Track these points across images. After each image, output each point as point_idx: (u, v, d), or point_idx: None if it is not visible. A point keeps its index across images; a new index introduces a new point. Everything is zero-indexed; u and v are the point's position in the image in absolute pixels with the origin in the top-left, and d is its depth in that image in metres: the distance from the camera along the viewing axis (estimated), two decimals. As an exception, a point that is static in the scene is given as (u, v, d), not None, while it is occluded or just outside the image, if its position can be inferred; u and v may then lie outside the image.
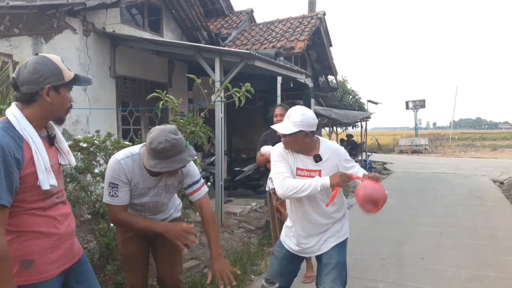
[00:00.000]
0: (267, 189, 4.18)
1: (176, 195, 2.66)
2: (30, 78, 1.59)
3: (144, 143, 2.24)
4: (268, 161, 3.61)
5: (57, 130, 1.81)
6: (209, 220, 2.37)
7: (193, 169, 2.42)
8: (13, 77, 1.64)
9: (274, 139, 3.90)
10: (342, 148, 2.58)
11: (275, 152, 2.53)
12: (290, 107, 3.58)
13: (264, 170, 8.77)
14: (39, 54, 1.70)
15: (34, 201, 1.61)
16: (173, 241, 2.19)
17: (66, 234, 1.74)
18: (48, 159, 1.63)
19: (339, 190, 2.33)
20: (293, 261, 2.62)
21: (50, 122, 1.76)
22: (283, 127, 2.41)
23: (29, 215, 1.60)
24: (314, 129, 2.43)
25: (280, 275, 2.60)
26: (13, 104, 1.64)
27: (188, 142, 2.24)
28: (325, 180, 2.28)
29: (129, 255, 2.51)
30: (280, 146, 2.55)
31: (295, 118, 2.37)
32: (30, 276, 1.60)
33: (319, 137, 2.55)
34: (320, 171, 2.43)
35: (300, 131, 2.36)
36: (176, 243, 2.21)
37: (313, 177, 2.40)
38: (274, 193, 3.66)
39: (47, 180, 1.59)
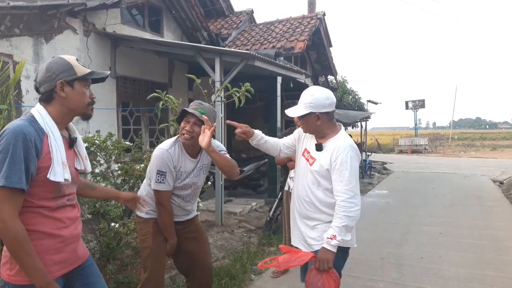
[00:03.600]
0: (286, 188, 4.11)
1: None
2: (44, 77, 1.67)
3: (177, 136, 2.61)
4: (289, 160, 3.69)
5: (78, 134, 1.84)
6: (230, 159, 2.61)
7: (217, 144, 2.68)
8: (34, 81, 1.73)
9: None
10: (350, 158, 2.20)
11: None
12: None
13: (264, 170, 8.83)
14: (56, 56, 1.76)
15: (44, 198, 1.62)
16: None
17: (70, 237, 1.73)
18: (65, 157, 1.66)
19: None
20: None
21: (72, 126, 1.82)
22: (292, 110, 2.34)
23: (36, 214, 1.61)
24: (328, 110, 2.26)
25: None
26: (38, 103, 1.70)
27: None
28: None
29: (157, 249, 2.63)
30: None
31: (304, 99, 2.28)
32: None
33: (342, 128, 2.38)
34: (314, 161, 2.30)
35: (311, 113, 2.24)
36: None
37: (310, 163, 2.31)
38: None
39: (63, 173, 1.62)
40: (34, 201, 1.60)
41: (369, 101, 19.91)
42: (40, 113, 1.65)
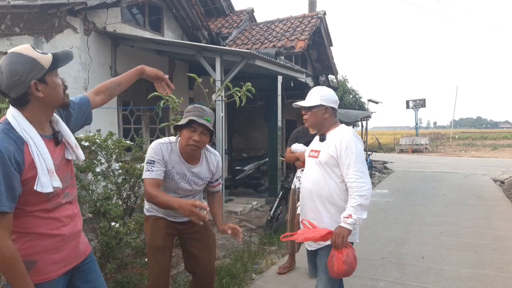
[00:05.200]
0: (293, 187, 4.07)
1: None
2: (11, 82, 1.50)
3: (178, 136, 2.57)
4: (298, 159, 3.73)
5: (63, 125, 1.71)
6: (219, 201, 2.80)
7: (220, 170, 2.78)
8: None
9: (306, 137, 3.85)
10: (354, 142, 2.35)
11: None
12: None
13: (265, 169, 8.83)
14: (8, 52, 1.56)
15: (38, 203, 1.57)
16: (187, 216, 2.29)
17: (70, 235, 1.70)
18: (52, 160, 1.57)
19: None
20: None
21: (55, 116, 1.69)
22: (304, 101, 2.52)
23: (32, 217, 1.57)
24: (335, 106, 2.50)
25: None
26: (12, 107, 1.57)
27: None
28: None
29: (156, 246, 2.63)
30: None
31: (316, 92, 2.49)
32: (33, 276, 1.57)
33: (343, 125, 2.55)
34: (319, 152, 2.47)
35: (321, 105, 2.45)
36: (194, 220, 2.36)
37: (315, 157, 2.48)
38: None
39: (50, 182, 1.54)
40: (28, 207, 1.55)
41: (369, 100, 19.90)
42: (16, 118, 1.52)
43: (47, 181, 1.52)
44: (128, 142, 4.35)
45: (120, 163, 3.78)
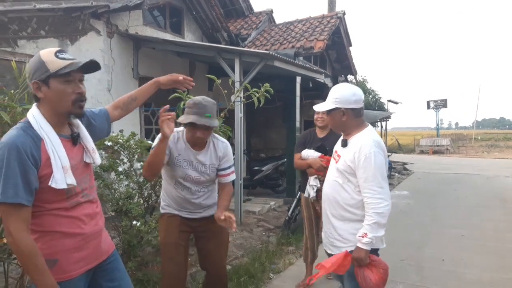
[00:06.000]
0: (306, 195, 3.77)
1: (217, 188, 2.84)
2: (26, 78, 1.63)
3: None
4: (309, 166, 3.60)
5: (82, 128, 1.76)
6: (227, 194, 2.66)
7: (230, 157, 2.71)
8: None
9: (315, 142, 3.70)
10: (374, 153, 2.15)
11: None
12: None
13: (283, 169, 8.83)
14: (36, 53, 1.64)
15: (56, 201, 1.59)
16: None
17: (91, 234, 1.71)
18: (67, 158, 1.59)
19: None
20: None
21: (77, 121, 1.74)
22: (319, 105, 2.43)
23: (52, 216, 1.59)
24: (354, 106, 2.26)
25: None
26: (34, 104, 1.65)
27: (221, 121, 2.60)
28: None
29: (169, 244, 2.63)
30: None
31: (332, 95, 2.32)
32: (55, 275, 1.59)
33: (369, 126, 2.35)
34: (340, 157, 2.33)
35: (336, 108, 2.27)
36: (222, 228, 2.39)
37: (336, 161, 2.36)
38: (314, 202, 3.66)
39: (64, 179, 1.55)
40: (46, 205, 1.58)
41: (389, 101, 19.67)
42: (34, 116, 1.58)
43: (61, 177, 1.55)
44: (149, 142, 4.44)
45: (141, 163, 3.86)
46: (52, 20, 5.81)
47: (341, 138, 2.41)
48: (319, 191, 3.49)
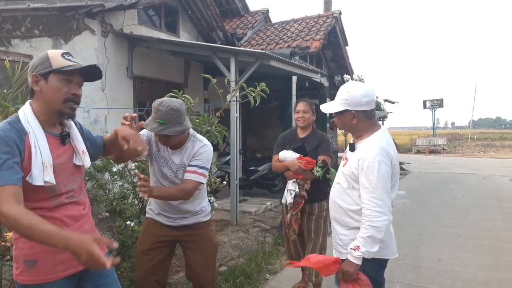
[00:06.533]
0: (283, 201, 3.51)
1: (204, 195, 2.70)
2: (28, 71, 1.65)
3: None
4: (286, 169, 3.31)
5: (74, 129, 1.75)
6: (177, 187, 2.41)
7: (203, 158, 2.46)
8: None
9: (294, 142, 3.44)
10: (378, 163, 2.01)
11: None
12: (312, 104, 3.35)
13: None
14: None
15: (39, 200, 1.58)
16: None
17: None
18: (50, 156, 1.57)
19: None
20: None
21: (69, 121, 1.74)
22: (327, 106, 2.23)
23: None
24: (365, 108, 2.10)
25: None
26: (27, 102, 1.66)
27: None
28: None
29: (141, 250, 2.56)
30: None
31: (340, 95, 2.14)
32: (33, 276, 1.58)
33: (381, 128, 2.19)
34: (346, 162, 2.19)
35: (346, 110, 2.11)
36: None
37: (343, 165, 2.23)
38: (293, 208, 3.36)
39: (42, 176, 1.53)
40: (29, 203, 1.53)
41: (386, 100, 19.71)
42: (24, 111, 1.60)
43: (38, 173, 1.52)
44: (144, 142, 4.41)
45: (136, 163, 3.83)
46: (46, 20, 5.77)
47: (350, 141, 2.29)
48: (297, 197, 3.32)
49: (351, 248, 2.03)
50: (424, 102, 37.60)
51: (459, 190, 9.97)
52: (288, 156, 3.33)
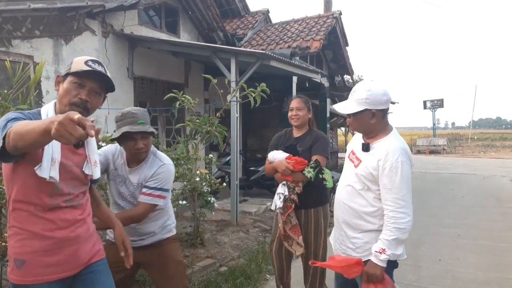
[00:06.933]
0: (272, 207, 3.12)
1: (168, 213, 2.55)
2: None
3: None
4: (275, 171, 2.98)
5: (92, 139, 1.71)
6: (131, 215, 2.26)
7: (162, 179, 2.33)
8: None
9: (288, 141, 3.15)
10: (401, 163, 1.99)
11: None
12: (307, 100, 3.12)
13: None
14: None
15: (39, 193, 1.56)
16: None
17: (66, 239, 1.63)
18: (59, 152, 1.57)
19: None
20: None
21: None
22: (344, 106, 2.12)
23: (27, 213, 1.57)
24: (384, 107, 2.08)
25: None
26: (52, 101, 1.71)
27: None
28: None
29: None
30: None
31: (359, 95, 2.05)
32: (22, 276, 1.57)
33: (394, 128, 2.17)
34: (360, 162, 2.12)
35: (366, 109, 2.04)
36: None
37: (355, 165, 2.14)
38: (283, 213, 2.98)
39: (49, 170, 1.52)
40: (29, 198, 1.55)
41: (386, 100, 19.66)
42: (47, 107, 1.66)
43: (47, 167, 1.51)
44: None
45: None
46: (47, 20, 5.78)
47: (361, 141, 2.19)
48: (287, 201, 2.94)
49: (376, 251, 2.00)
50: (424, 102, 37.61)
51: (459, 190, 9.97)
52: (277, 156, 3.01)
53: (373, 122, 2.08)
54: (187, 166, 4.54)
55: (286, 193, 2.93)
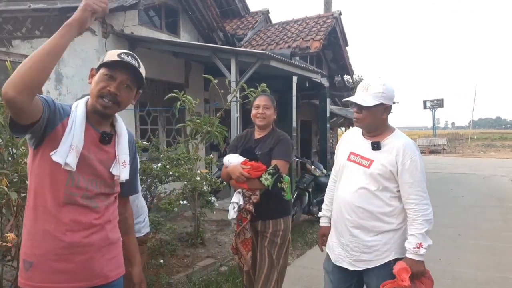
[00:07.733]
0: (229, 217, 2.73)
1: (143, 208, 2.46)
2: None
3: None
4: (230, 178, 2.65)
5: (123, 138, 1.67)
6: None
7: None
8: None
9: (248, 143, 2.84)
10: (418, 156, 2.07)
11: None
12: (273, 99, 2.89)
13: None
14: None
15: (54, 186, 1.47)
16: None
17: (78, 246, 1.50)
18: (82, 142, 1.49)
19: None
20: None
21: (120, 126, 1.69)
22: (362, 99, 2.06)
23: (43, 210, 1.47)
24: (393, 103, 2.15)
25: None
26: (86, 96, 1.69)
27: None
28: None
29: None
30: (348, 133, 2.31)
31: (375, 89, 2.05)
32: (28, 279, 1.47)
33: (399, 130, 2.21)
34: (372, 162, 2.08)
35: (381, 104, 2.05)
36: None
37: (365, 166, 2.10)
38: (237, 225, 2.67)
39: (65, 156, 1.44)
40: (45, 183, 1.47)
41: (386, 100, 19.68)
42: (78, 101, 1.61)
43: (64, 152, 1.44)
44: (144, 142, 4.43)
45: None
46: (47, 20, 5.78)
47: (363, 142, 2.17)
48: (242, 211, 2.62)
49: (413, 248, 2.00)
50: (424, 102, 37.62)
51: (459, 190, 9.98)
52: (232, 160, 2.67)
53: (384, 118, 2.11)
54: (187, 166, 4.55)
55: (241, 202, 2.61)
